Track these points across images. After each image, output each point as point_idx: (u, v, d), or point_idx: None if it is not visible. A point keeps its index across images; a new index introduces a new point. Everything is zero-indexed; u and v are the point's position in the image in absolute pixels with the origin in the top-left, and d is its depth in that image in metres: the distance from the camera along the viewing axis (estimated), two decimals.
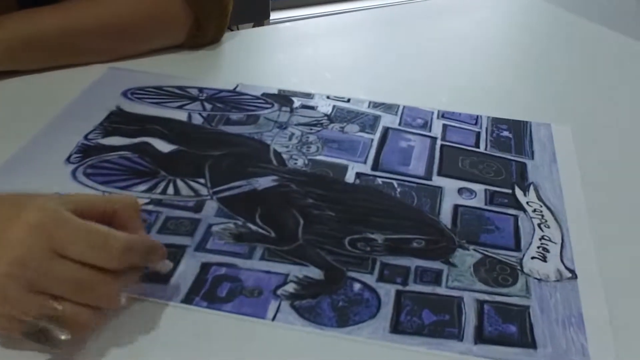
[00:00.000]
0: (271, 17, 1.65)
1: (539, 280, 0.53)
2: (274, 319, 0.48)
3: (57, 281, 0.42)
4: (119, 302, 0.46)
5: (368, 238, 0.56)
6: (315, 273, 0.52)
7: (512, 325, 0.49)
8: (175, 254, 0.53)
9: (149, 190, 0.60)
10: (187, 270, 0.52)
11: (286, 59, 0.85)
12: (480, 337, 0.48)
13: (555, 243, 0.57)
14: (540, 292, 0.52)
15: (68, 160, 0.63)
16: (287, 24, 0.93)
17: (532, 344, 0.47)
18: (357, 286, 0.51)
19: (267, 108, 0.73)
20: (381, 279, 0.52)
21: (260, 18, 1.60)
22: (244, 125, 0.70)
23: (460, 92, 0.79)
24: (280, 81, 0.79)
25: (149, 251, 0.47)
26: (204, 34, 0.84)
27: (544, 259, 0.55)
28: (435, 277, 0.53)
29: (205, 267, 0.52)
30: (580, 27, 0.98)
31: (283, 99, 0.75)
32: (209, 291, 0.50)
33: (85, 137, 0.67)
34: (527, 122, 0.73)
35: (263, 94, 0.76)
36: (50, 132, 0.67)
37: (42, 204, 0.43)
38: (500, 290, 0.52)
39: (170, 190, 0.60)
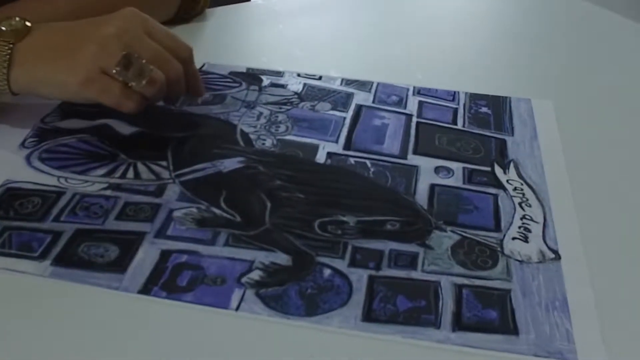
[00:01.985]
0: None
1: (521, 262, 0.50)
2: (237, 308, 0.45)
3: (145, 47, 0.56)
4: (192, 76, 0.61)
5: (339, 221, 0.53)
6: (282, 259, 0.49)
7: (492, 310, 0.46)
8: (133, 241, 0.50)
9: (108, 174, 0.56)
10: (145, 258, 0.48)
11: (255, 37, 0.81)
12: (459, 324, 0.45)
13: (537, 223, 0.54)
14: (522, 275, 0.49)
15: (23, 144, 0.60)
16: (259, 1, 0.89)
17: (514, 330, 0.44)
18: (327, 272, 0.48)
19: (234, 87, 0.69)
20: (353, 264, 0.49)
21: None
22: (210, 105, 0.66)
23: (437, 68, 0.76)
24: (249, 59, 0.75)
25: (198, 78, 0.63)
26: (196, 2, 0.82)
27: (526, 240, 0.52)
28: (411, 261, 0.49)
29: (165, 254, 0.49)
30: (570, 4, 0.95)
31: (251, 77, 0.71)
32: (169, 280, 0.47)
33: (42, 120, 0.63)
34: (506, 97, 0.70)
35: (230, 73, 0.72)
36: (4, 114, 0.63)
37: None
38: (479, 273, 0.49)
39: (130, 174, 0.57)
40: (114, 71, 0.55)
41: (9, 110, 0.64)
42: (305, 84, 0.70)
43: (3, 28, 0.57)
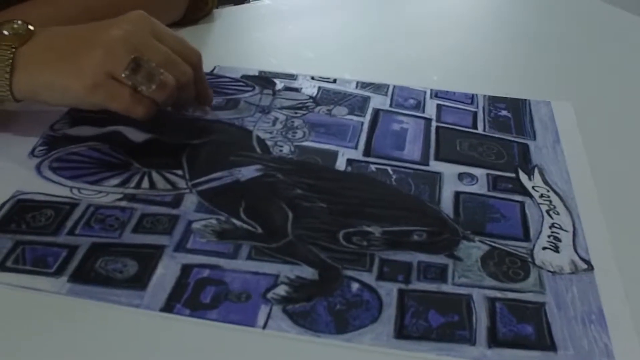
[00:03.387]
0: None
1: (553, 273, 0.49)
2: (265, 326, 0.43)
3: (153, 51, 0.54)
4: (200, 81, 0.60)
5: (364, 231, 0.51)
6: (308, 272, 0.47)
7: (527, 325, 0.44)
8: (152, 255, 0.48)
9: (122, 184, 0.54)
10: (165, 273, 0.46)
11: (266, 38, 0.79)
12: (495, 340, 0.43)
13: (566, 231, 0.52)
14: (555, 287, 0.47)
15: (32, 153, 0.57)
16: (266, 1, 0.87)
17: (552, 346, 0.43)
18: (355, 286, 0.46)
19: (247, 91, 0.68)
20: (381, 277, 0.47)
21: None
22: (223, 110, 0.64)
23: (453, 70, 0.74)
24: (261, 62, 0.73)
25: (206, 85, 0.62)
26: (205, 3, 0.80)
27: (556, 249, 0.51)
28: (440, 273, 0.48)
29: (186, 269, 0.47)
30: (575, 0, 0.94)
31: (264, 81, 0.70)
32: (192, 297, 0.45)
33: (51, 128, 0.61)
34: (525, 100, 0.69)
35: (243, 76, 0.70)
36: (12, 122, 0.61)
37: None
38: (511, 285, 0.47)
39: (145, 183, 0.55)
40: (123, 75, 0.53)
41: (16, 117, 0.62)
42: (320, 88, 0.68)
43: (5, 32, 0.55)
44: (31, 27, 0.56)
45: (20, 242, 0.48)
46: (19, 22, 0.56)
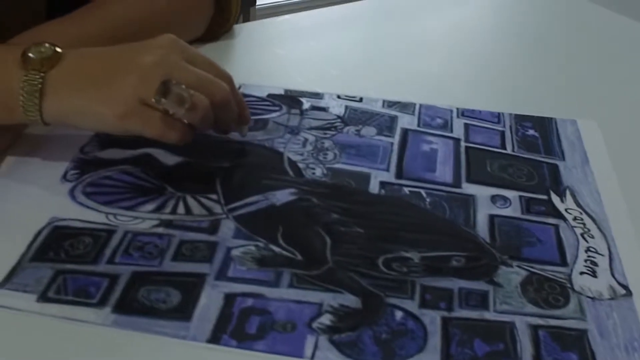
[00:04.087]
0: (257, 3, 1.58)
1: (592, 299, 0.49)
2: (312, 357, 0.43)
3: (186, 73, 0.54)
4: (236, 102, 0.59)
5: (403, 257, 0.51)
6: (351, 301, 0.47)
7: (572, 353, 0.45)
8: (194, 284, 0.48)
9: (157, 209, 0.54)
10: (209, 303, 0.46)
11: (288, 55, 0.79)
12: None
13: (602, 255, 0.53)
14: (595, 313, 0.48)
15: (64, 177, 0.57)
16: (286, 16, 0.87)
17: None
18: (399, 314, 0.47)
19: (274, 111, 0.68)
20: (424, 304, 0.47)
21: (246, 6, 1.53)
22: (252, 131, 0.64)
23: (476, 87, 0.75)
24: (285, 80, 0.73)
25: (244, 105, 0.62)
26: (225, 19, 0.79)
27: (594, 274, 0.51)
28: (482, 300, 0.48)
29: (229, 298, 0.47)
30: (599, 17, 0.94)
31: (291, 100, 0.69)
32: (237, 327, 0.45)
33: (81, 151, 0.61)
34: (551, 118, 0.69)
35: (269, 95, 0.70)
36: (42, 144, 0.61)
37: None
38: (553, 312, 0.48)
39: (181, 209, 0.55)
40: (153, 100, 0.52)
41: (45, 140, 0.61)
42: (347, 107, 0.69)
43: (32, 55, 0.54)
44: (58, 50, 0.55)
45: (60, 272, 0.48)
46: (47, 44, 0.55)
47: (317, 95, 0.70)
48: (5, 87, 0.54)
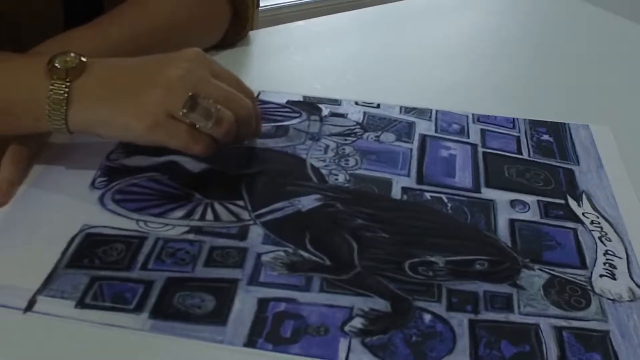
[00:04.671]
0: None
1: (613, 301, 0.50)
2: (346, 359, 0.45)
3: (212, 88, 0.55)
4: (254, 117, 0.60)
5: (429, 261, 0.53)
6: (380, 304, 0.49)
7: (595, 354, 0.46)
8: (228, 290, 0.49)
9: (187, 216, 0.56)
10: (243, 308, 0.48)
11: (305, 62, 0.80)
12: None
13: (620, 258, 0.54)
14: (616, 315, 0.49)
15: (93, 185, 0.59)
16: (300, 22, 0.88)
17: None
18: (427, 317, 0.48)
19: (294, 117, 0.69)
20: (451, 307, 0.49)
21: None
22: (274, 137, 0.65)
23: (489, 92, 0.76)
24: (302, 86, 0.74)
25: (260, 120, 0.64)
26: (242, 26, 0.80)
27: (613, 277, 0.52)
28: (506, 303, 0.50)
29: (262, 303, 0.48)
30: (609, 23, 0.95)
31: (310, 106, 0.71)
32: (272, 331, 0.46)
33: (108, 158, 0.62)
34: (565, 123, 0.70)
35: (288, 102, 0.71)
36: (68, 152, 0.62)
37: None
38: (575, 314, 0.49)
39: (209, 215, 0.56)
40: (181, 113, 0.53)
41: (70, 148, 0.62)
42: (365, 113, 0.70)
43: (57, 65, 0.55)
44: (83, 59, 0.56)
45: (96, 278, 0.50)
46: (72, 54, 0.56)
47: (335, 102, 0.72)
48: (32, 97, 0.55)
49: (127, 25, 0.69)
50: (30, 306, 0.47)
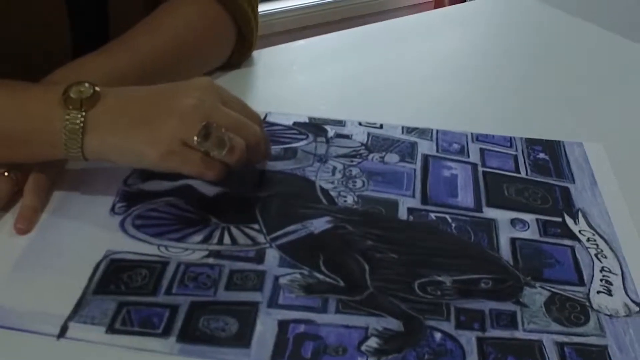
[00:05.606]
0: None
1: (610, 316, 0.54)
2: None
3: (224, 116, 0.58)
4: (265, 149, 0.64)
5: (436, 281, 0.56)
6: (393, 324, 0.52)
7: None
8: (249, 312, 0.52)
9: (205, 240, 0.58)
10: (264, 330, 0.51)
11: (308, 81, 0.83)
12: None
13: (616, 274, 0.58)
14: (614, 330, 0.53)
15: (113, 210, 0.61)
16: (301, 42, 0.91)
17: None
18: (438, 336, 0.51)
19: (301, 139, 0.72)
20: (459, 326, 0.52)
21: None
22: (283, 160, 0.68)
23: (487, 111, 0.79)
24: (307, 106, 0.77)
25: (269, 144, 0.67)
26: (247, 48, 0.83)
27: (610, 293, 0.56)
28: (511, 320, 0.53)
29: (282, 325, 0.51)
30: (603, 40, 0.99)
31: (316, 128, 0.74)
32: (294, 352, 0.49)
33: (125, 183, 0.64)
34: (559, 141, 0.74)
35: (294, 124, 0.74)
36: (85, 178, 0.65)
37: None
38: (575, 330, 0.52)
39: (227, 239, 0.59)
40: (195, 142, 0.56)
41: (87, 174, 0.65)
42: (369, 134, 0.73)
43: (72, 95, 0.58)
44: (97, 89, 0.59)
45: (123, 303, 0.52)
46: (86, 84, 0.58)
47: (340, 123, 0.75)
48: (49, 126, 0.57)
49: (137, 51, 0.72)
50: (62, 332, 0.50)
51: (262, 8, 2.31)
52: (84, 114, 0.57)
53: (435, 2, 2.66)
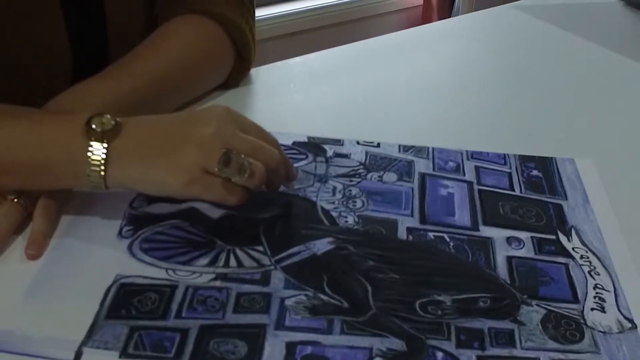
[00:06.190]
0: None
1: (604, 333, 0.56)
2: None
3: (242, 142, 0.60)
4: (285, 171, 0.66)
5: (436, 300, 0.58)
6: (396, 344, 0.54)
7: None
8: (257, 335, 0.54)
9: (212, 263, 0.60)
10: (273, 352, 0.52)
11: (305, 100, 0.85)
12: None
13: (608, 291, 0.60)
14: (607, 346, 0.55)
15: (120, 234, 0.63)
16: (297, 59, 0.93)
17: None
18: (439, 355, 0.53)
19: (301, 159, 0.73)
20: (460, 345, 0.54)
21: None
22: (292, 179, 0.70)
23: (480, 128, 0.81)
24: (305, 124, 0.79)
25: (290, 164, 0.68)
26: (246, 67, 0.85)
27: (603, 310, 0.58)
28: (509, 338, 0.55)
29: (290, 347, 0.53)
30: (590, 55, 1.01)
31: (315, 147, 0.76)
32: None
33: (131, 206, 0.66)
34: (552, 158, 0.76)
35: (294, 143, 0.76)
36: (92, 202, 0.66)
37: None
38: (571, 347, 0.55)
39: (233, 262, 0.60)
40: (216, 169, 0.58)
41: (94, 198, 0.66)
42: (367, 153, 0.75)
43: (95, 127, 0.59)
44: (119, 120, 0.60)
45: (135, 328, 0.54)
46: (107, 116, 0.60)
47: (338, 142, 0.77)
48: (71, 157, 0.59)
49: (140, 74, 0.73)
50: (77, 358, 0.51)
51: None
52: (106, 145, 0.59)
53: (423, 6, 2.68)
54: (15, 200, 0.62)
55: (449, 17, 2.60)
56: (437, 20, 2.65)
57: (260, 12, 2.40)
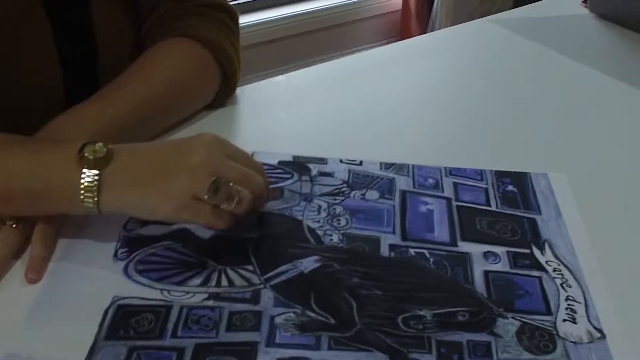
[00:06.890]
0: None
1: (575, 343, 0.60)
2: None
3: (231, 170, 0.63)
4: (266, 195, 0.69)
5: (418, 315, 0.61)
6: (381, 358, 0.57)
7: None
8: (249, 352, 0.57)
9: (204, 283, 0.63)
10: None
11: (289, 118, 0.88)
12: None
13: (579, 303, 0.64)
14: (579, 356, 0.58)
15: (115, 256, 0.65)
16: (281, 77, 0.96)
17: None
18: None
19: (287, 178, 0.77)
20: (440, 357, 0.58)
21: None
22: (271, 200, 0.73)
23: (458, 144, 0.85)
24: (290, 143, 0.82)
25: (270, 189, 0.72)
26: (231, 88, 0.88)
27: (574, 321, 0.62)
28: (487, 350, 0.58)
29: None
30: (562, 69, 1.04)
31: (300, 166, 0.79)
32: None
33: (125, 228, 0.69)
34: (526, 173, 0.80)
35: (280, 162, 0.79)
36: (87, 225, 0.69)
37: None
38: (544, 357, 0.58)
39: (224, 281, 0.63)
40: (206, 197, 0.61)
41: (88, 221, 0.68)
42: (350, 171, 0.78)
43: (87, 155, 0.61)
44: (110, 147, 0.63)
45: (133, 348, 0.57)
46: (100, 143, 0.63)
47: (322, 161, 0.80)
48: (65, 184, 0.62)
49: (131, 98, 0.76)
50: None
51: None
52: (98, 172, 0.61)
53: (402, 11, 2.72)
54: (14, 225, 0.64)
55: (427, 22, 2.65)
56: (415, 25, 2.69)
57: (241, 20, 2.42)
